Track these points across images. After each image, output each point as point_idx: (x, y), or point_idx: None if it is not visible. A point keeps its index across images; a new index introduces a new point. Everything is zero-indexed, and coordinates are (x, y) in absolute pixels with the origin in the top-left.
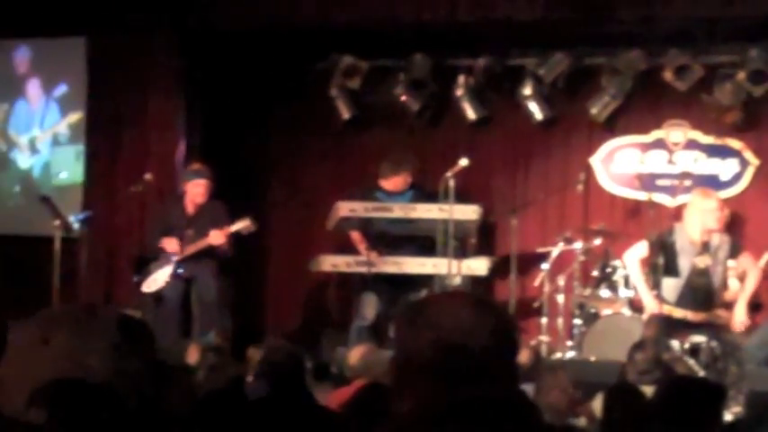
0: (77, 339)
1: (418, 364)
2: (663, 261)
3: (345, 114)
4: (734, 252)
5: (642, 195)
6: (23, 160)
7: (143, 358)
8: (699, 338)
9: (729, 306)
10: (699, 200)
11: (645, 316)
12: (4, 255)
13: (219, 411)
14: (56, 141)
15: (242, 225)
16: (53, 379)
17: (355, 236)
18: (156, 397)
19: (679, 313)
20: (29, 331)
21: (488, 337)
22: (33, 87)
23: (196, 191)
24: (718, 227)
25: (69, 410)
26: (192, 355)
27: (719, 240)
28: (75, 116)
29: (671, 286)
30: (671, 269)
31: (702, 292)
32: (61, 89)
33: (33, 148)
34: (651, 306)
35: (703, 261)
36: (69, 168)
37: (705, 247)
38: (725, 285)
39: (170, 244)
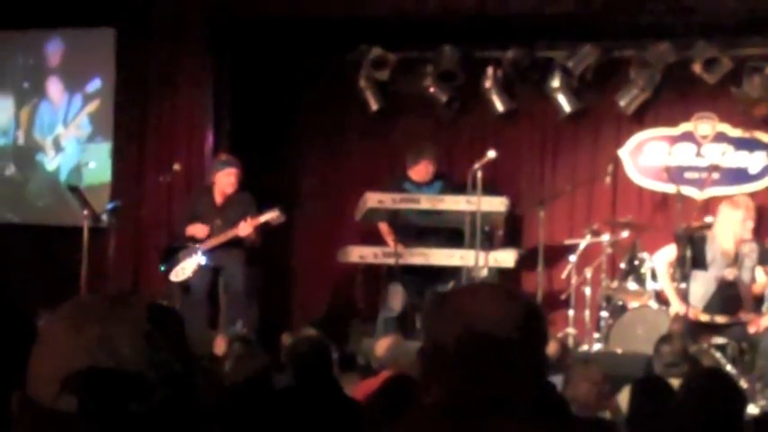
0: (109, 328)
1: (446, 354)
2: (691, 254)
3: (374, 106)
4: (763, 259)
5: (670, 188)
6: (50, 162)
7: (174, 347)
8: (723, 340)
9: (757, 301)
10: (729, 211)
11: (671, 312)
12: (34, 245)
13: (246, 402)
14: (79, 137)
15: (271, 216)
16: (84, 367)
17: (383, 227)
18: (187, 386)
19: (706, 318)
20: (60, 319)
21: (517, 328)
22: (54, 85)
23: (227, 180)
24: (750, 236)
25: (100, 399)
26: (219, 346)
27: (749, 249)
28: (94, 105)
29: (699, 294)
30: (699, 263)
31: (730, 300)
32: (95, 84)
33: (58, 147)
34: (678, 309)
35: (732, 273)
36: (97, 168)
37: (735, 259)
38: (752, 283)
39: (199, 230)
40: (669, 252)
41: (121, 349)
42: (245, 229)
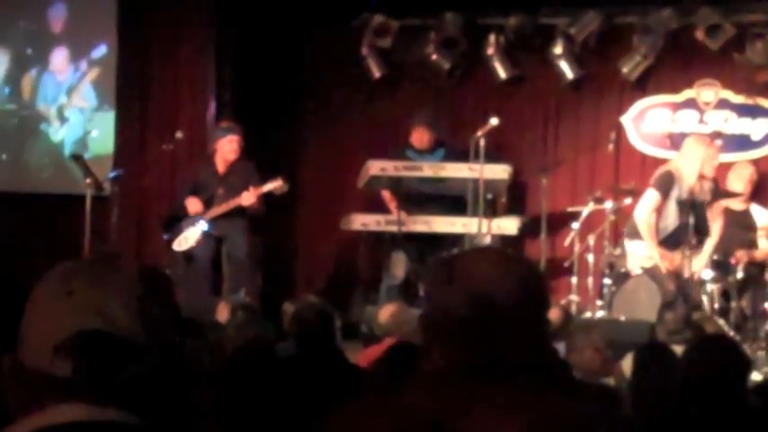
0: (101, 291)
1: (447, 319)
2: (693, 221)
3: (377, 73)
4: (716, 195)
5: (673, 155)
6: (54, 132)
7: (166, 310)
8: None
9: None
10: (695, 145)
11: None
12: (36, 213)
13: (249, 369)
14: (83, 108)
15: (274, 185)
16: (77, 331)
17: (386, 195)
18: (180, 349)
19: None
20: (51, 282)
21: (517, 292)
22: (59, 55)
23: (229, 147)
24: (712, 174)
25: (94, 363)
26: (222, 313)
27: (708, 186)
28: (95, 72)
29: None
30: (701, 230)
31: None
32: (101, 50)
33: (62, 117)
34: (658, 258)
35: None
36: (101, 138)
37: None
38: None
39: (192, 204)
40: (650, 199)
41: (114, 313)
42: (248, 198)
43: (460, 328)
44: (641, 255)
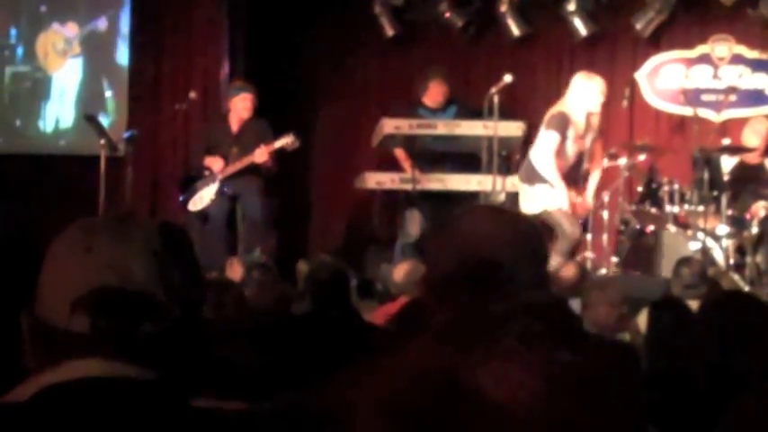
0: (119, 247)
1: (447, 278)
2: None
3: (389, 32)
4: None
5: (687, 111)
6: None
7: (185, 266)
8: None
9: None
10: (583, 82)
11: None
12: (51, 174)
13: (265, 326)
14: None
15: (285, 141)
16: (96, 287)
17: (399, 153)
18: (199, 306)
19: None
20: (70, 239)
21: (513, 247)
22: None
23: (242, 105)
24: (599, 110)
25: (113, 319)
26: (236, 271)
27: (595, 121)
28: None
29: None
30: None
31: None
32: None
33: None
34: (566, 199)
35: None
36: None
37: (585, 132)
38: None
39: (215, 163)
40: (550, 143)
41: (133, 269)
42: (261, 155)
43: (459, 285)
44: (545, 197)
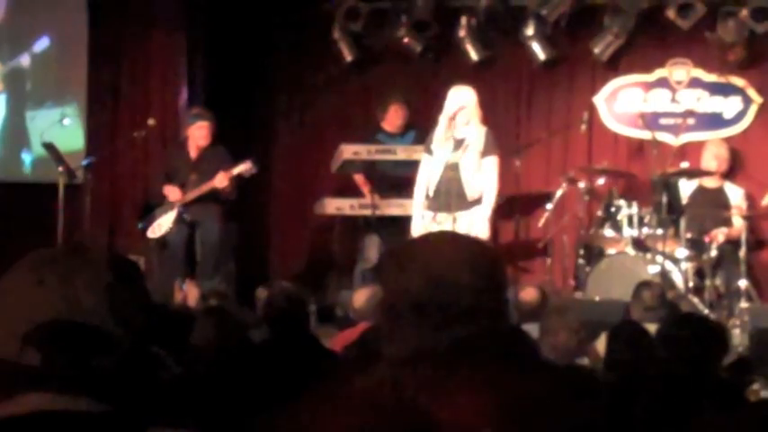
0: (70, 280)
1: (405, 304)
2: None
3: (348, 57)
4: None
5: (646, 134)
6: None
7: (136, 299)
8: None
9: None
10: (455, 94)
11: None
12: (8, 202)
13: (222, 355)
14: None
15: (243, 168)
16: (47, 320)
17: (359, 178)
18: (149, 338)
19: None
20: (21, 272)
21: (473, 273)
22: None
23: (199, 133)
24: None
25: (64, 352)
26: (192, 297)
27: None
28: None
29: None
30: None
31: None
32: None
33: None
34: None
35: (456, 157)
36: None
37: (461, 143)
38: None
39: (172, 192)
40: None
41: (84, 302)
42: (221, 180)
43: (417, 311)
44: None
